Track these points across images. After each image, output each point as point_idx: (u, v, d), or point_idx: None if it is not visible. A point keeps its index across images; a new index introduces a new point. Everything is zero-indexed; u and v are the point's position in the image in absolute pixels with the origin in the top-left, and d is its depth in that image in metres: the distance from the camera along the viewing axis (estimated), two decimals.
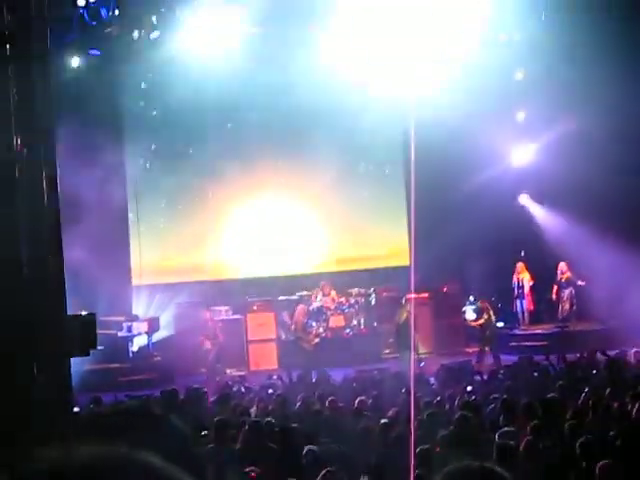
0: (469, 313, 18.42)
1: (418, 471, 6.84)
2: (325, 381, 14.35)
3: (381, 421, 9.60)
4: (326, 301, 19.18)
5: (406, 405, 10.93)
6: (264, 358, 18.92)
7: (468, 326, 18.88)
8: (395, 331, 18.07)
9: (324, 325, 18.58)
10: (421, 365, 17.40)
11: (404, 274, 20.49)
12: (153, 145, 19.99)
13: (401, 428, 9.01)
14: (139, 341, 18.47)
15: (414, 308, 17.89)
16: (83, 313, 6.18)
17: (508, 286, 20.09)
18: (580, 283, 19.10)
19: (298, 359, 17.23)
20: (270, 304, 19.42)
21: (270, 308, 19.36)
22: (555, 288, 19.69)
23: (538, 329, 19.68)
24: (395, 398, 11.69)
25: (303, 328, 17.64)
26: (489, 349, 17.61)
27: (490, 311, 17.84)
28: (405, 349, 17.48)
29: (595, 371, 13.17)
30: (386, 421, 9.58)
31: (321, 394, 11.99)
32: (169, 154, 20.18)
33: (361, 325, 19.57)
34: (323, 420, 9.94)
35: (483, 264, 19.42)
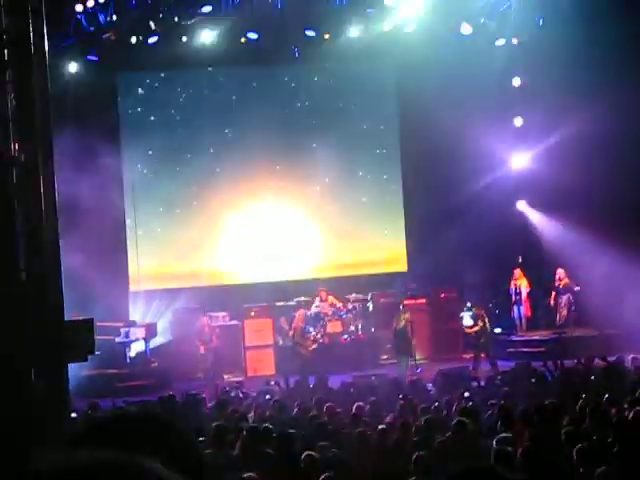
0: (466, 319, 18.40)
1: (415, 478, 6.83)
2: (322, 387, 14.33)
3: (379, 427, 9.59)
4: (324, 307, 19.15)
5: (403, 411, 10.95)
6: (262, 364, 18.88)
7: (465, 332, 18.87)
8: (393, 337, 18.04)
9: (322, 331, 18.53)
10: (418, 371, 17.39)
11: (402, 280, 20.53)
12: (151, 150, 19.95)
13: (399, 434, 9.00)
14: (137, 347, 18.43)
15: (412, 314, 17.88)
16: (81, 319, 6.18)
17: (506, 292, 20.08)
18: (576, 288, 19.09)
19: (295, 365, 17.19)
20: (268, 310, 19.37)
21: (268, 314, 19.32)
22: (553, 294, 19.67)
23: (535, 335, 19.64)
24: (393, 404, 11.68)
25: (301, 334, 17.60)
26: (485, 355, 17.60)
27: (485, 318, 17.82)
28: (403, 355, 17.49)
29: (593, 377, 13.15)
30: (384, 427, 9.57)
31: (318, 400, 11.98)
32: (167, 159, 20.15)
33: (359, 331, 19.53)
34: (320, 426, 9.92)
35: (481, 270, 19.41)
